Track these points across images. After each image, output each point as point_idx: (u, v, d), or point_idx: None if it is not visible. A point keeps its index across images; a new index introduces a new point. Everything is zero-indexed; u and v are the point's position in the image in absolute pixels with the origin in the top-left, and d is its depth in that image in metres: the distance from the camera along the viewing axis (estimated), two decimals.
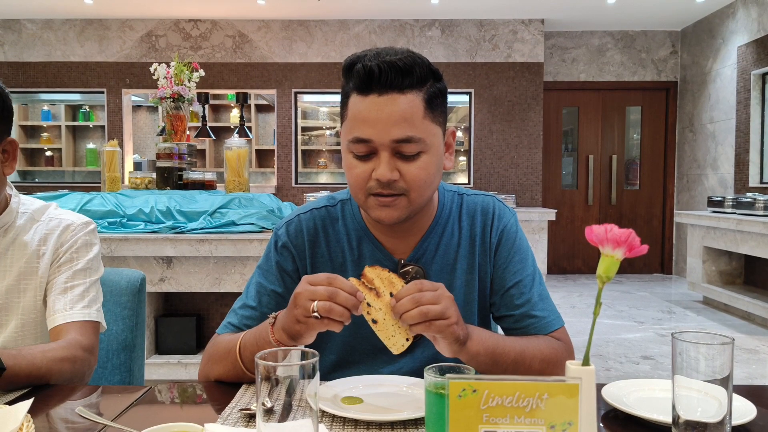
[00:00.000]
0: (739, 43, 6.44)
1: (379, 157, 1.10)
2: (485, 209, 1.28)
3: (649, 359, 4.22)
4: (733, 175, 6.54)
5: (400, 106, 1.07)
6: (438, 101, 1.13)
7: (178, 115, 4.03)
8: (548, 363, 1.17)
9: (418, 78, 1.09)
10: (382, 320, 1.04)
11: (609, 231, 0.71)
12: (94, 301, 1.37)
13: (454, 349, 1.05)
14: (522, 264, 1.26)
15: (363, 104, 1.09)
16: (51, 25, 7.29)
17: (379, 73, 1.06)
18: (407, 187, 1.11)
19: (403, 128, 1.07)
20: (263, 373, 0.72)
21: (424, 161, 1.11)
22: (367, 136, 1.09)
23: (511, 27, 7.24)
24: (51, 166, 8.88)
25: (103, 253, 3.21)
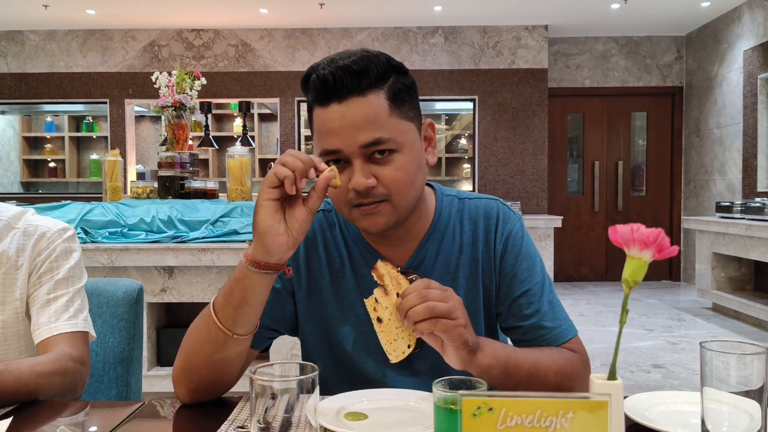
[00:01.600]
0: (745, 47, 6.38)
1: (353, 166, 1.04)
2: (488, 213, 1.21)
3: (660, 368, 4.14)
4: (741, 180, 6.46)
5: (363, 109, 1.03)
6: (404, 95, 1.07)
7: (179, 124, 3.99)
8: (564, 376, 1.10)
9: (376, 76, 1.04)
10: (387, 320, 0.98)
11: (636, 230, 0.65)
12: (80, 310, 1.31)
13: (463, 357, 0.98)
14: (530, 271, 1.18)
15: (325, 115, 1.04)
16: (54, 36, 7.29)
17: (333, 80, 1.02)
18: (387, 191, 1.06)
19: (369, 131, 1.03)
20: (258, 390, 0.66)
21: (400, 161, 1.06)
22: (335, 146, 1.04)
23: (514, 33, 7.20)
24: (54, 177, 8.86)
25: (103, 264, 3.16)
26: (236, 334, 1.03)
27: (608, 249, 7.87)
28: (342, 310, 1.20)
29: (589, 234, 7.87)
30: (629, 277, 0.69)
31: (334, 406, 1.01)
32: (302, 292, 1.21)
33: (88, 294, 1.61)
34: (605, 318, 5.68)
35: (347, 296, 1.19)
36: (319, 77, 1.04)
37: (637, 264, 0.68)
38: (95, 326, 1.60)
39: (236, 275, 1.01)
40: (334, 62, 1.04)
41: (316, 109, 1.07)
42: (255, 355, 1.19)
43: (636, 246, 0.66)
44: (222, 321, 1.02)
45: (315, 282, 1.21)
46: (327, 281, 1.20)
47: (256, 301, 1.02)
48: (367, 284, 1.17)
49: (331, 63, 1.04)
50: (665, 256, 0.65)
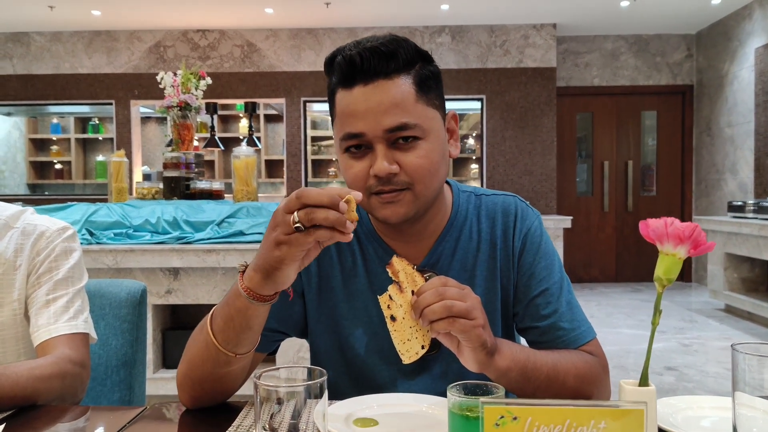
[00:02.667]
0: (757, 45, 6.30)
1: (375, 151, 1.00)
2: (506, 210, 1.17)
3: (673, 370, 4.07)
4: (753, 179, 6.38)
5: (389, 92, 0.99)
6: (431, 83, 1.04)
7: (185, 124, 3.96)
8: (584, 380, 1.05)
9: (404, 60, 1.00)
10: (401, 318, 0.93)
11: (670, 225, 0.59)
12: (80, 311, 1.27)
13: (480, 359, 0.93)
14: (548, 270, 1.13)
15: (350, 97, 1.01)
16: (59, 37, 7.27)
17: (361, 61, 0.98)
18: (410, 179, 1.01)
19: (395, 115, 0.99)
20: (263, 395, 0.61)
21: (424, 148, 1.01)
22: (358, 129, 1.00)
23: (522, 32, 7.14)
24: (61, 179, 8.86)
25: (108, 265, 3.12)
26: (238, 354, 0.98)
27: (618, 250, 7.79)
28: (354, 310, 1.15)
29: (598, 235, 7.79)
30: (662, 275, 0.63)
31: (342, 412, 0.96)
32: (312, 292, 1.16)
33: (90, 295, 1.58)
34: (616, 319, 5.61)
35: (359, 296, 1.14)
36: (345, 58, 1.00)
37: (671, 261, 0.63)
38: (97, 328, 1.56)
39: (236, 304, 0.94)
40: (361, 44, 1.00)
41: (339, 92, 1.03)
42: (261, 358, 1.14)
43: (670, 241, 0.61)
44: (222, 344, 0.97)
45: (326, 281, 1.16)
46: (338, 280, 1.15)
47: (259, 326, 0.97)
48: (380, 283, 1.12)
49: (358, 45, 1.00)
50: (702, 252, 0.60)
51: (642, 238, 3.17)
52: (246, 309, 0.93)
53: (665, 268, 0.64)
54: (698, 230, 0.61)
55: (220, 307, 0.98)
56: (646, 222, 0.64)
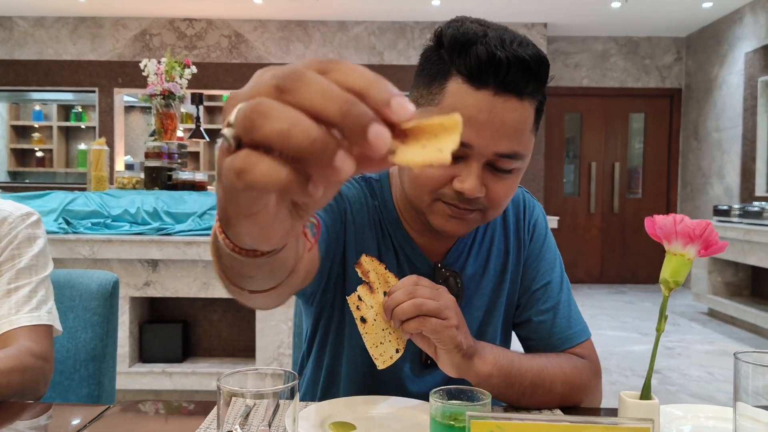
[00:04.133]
0: (747, 50, 6.31)
1: (469, 166, 0.89)
2: (515, 201, 1.13)
3: (656, 373, 4.05)
4: (739, 184, 6.39)
5: (515, 115, 0.87)
6: (543, 108, 0.95)
7: (168, 113, 3.87)
8: (572, 386, 1.00)
9: (540, 82, 0.89)
10: (372, 320, 0.87)
11: (679, 222, 0.54)
12: (44, 301, 1.20)
13: (457, 362, 0.88)
14: (551, 264, 1.11)
15: (472, 99, 0.86)
16: (43, 22, 7.13)
17: (507, 69, 0.84)
18: (488, 204, 0.93)
19: (511, 141, 0.88)
20: (227, 398, 0.56)
21: (515, 179, 0.94)
22: (469, 140, 0.87)
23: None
24: (42, 167, 8.72)
25: (84, 256, 3.04)
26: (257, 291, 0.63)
27: (604, 251, 7.79)
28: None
29: (584, 236, 7.79)
30: (669, 277, 0.58)
31: (318, 415, 0.90)
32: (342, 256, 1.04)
33: (59, 286, 1.51)
34: (601, 321, 5.59)
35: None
36: (489, 54, 0.85)
37: (679, 262, 0.57)
38: (66, 320, 1.49)
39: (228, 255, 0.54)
40: (507, 44, 0.85)
41: (457, 81, 0.88)
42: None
43: (679, 241, 0.56)
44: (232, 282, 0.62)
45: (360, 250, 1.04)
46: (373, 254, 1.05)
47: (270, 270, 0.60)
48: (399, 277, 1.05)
49: (503, 42, 0.85)
50: (713, 253, 0.54)
51: (627, 239, 3.15)
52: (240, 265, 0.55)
53: (672, 270, 0.58)
54: (710, 228, 0.56)
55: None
56: (652, 219, 0.58)
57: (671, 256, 0.58)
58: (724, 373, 4.03)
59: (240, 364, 3.21)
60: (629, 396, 0.57)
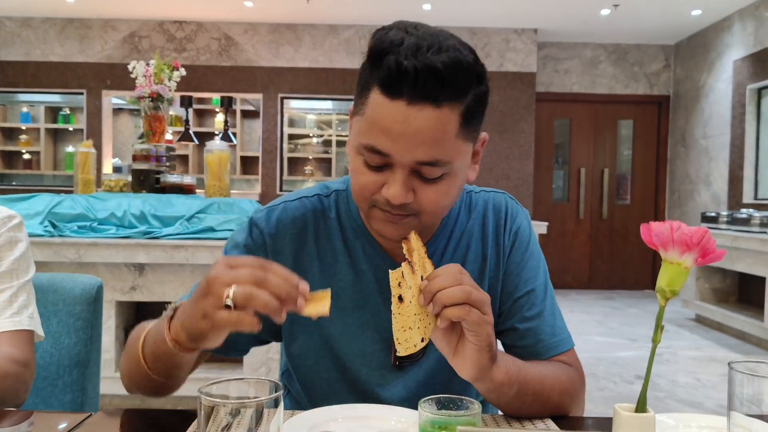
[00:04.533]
0: (735, 57, 6.36)
1: (395, 174, 0.90)
2: (497, 207, 1.11)
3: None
4: (727, 191, 6.43)
5: (432, 123, 0.86)
6: (477, 112, 0.92)
7: (156, 116, 3.84)
8: (566, 395, 0.99)
9: (459, 88, 0.87)
10: (408, 302, 0.84)
11: (676, 230, 0.53)
12: (25, 306, 1.17)
13: (483, 363, 0.85)
14: (535, 272, 1.08)
15: (386, 109, 0.87)
16: (30, 23, 7.07)
17: (415, 78, 0.83)
18: (420, 209, 0.92)
19: (430, 149, 0.87)
20: (207, 409, 0.54)
21: (447, 184, 0.92)
22: (386, 149, 0.88)
23: (503, 36, 7.12)
24: (29, 170, 8.63)
25: (70, 259, 3.00)
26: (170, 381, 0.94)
27: (592, 257, 7.82)
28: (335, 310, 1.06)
29: (573, 241, 7.81)
30: (666, 287, 0.57)
31: (305, 425, 0.88)
32: None
33: (42, 290, 1.48)
34: (589, 327, 5.60)
35: (341, 294, 1.05)
36: (398, 65, 0.84)
37: (675, 270, 0.56)
38: (50, 325, 1.46)
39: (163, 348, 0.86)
40: (421, 53, 0.84)
41: (375, 93, 0.88)
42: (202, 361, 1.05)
43: (675, 248, 0.54)
44: (154, 373, 0.92)
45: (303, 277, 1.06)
46: (317, 278, 1.06)
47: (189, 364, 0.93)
48: (365, 282, 1.05)
49: (417, 51, 0.84)
50: (710, 261, 0.53)
51: (615, 245, 3.14)
52: (174, 354, 0.86)
53: (669, 279, 0.57)
54: (707, 236, 0.54)
55: (150, 337, 0.91)
56: (648, 225, 0.57)
57: (668, 264, 0.57)
58: (712, 379, 4.04)
59: (227, 369, 3.17)
60: (624, 409, 0.55)
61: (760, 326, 4.84)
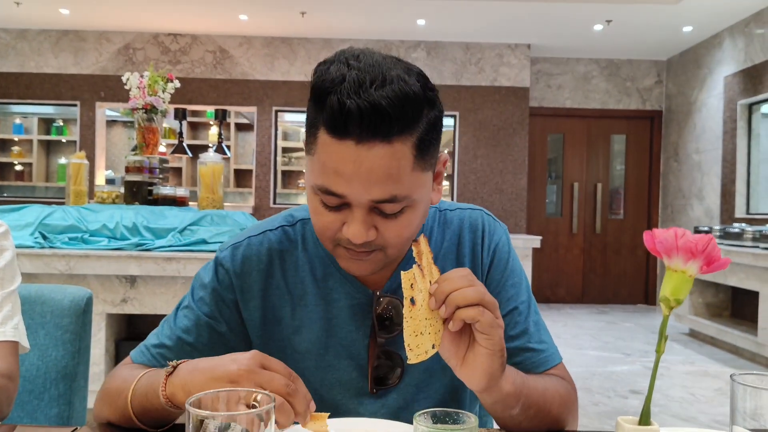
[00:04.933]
0: (726, 73, 6.40)
1: (353, 213, 0.87)
2: (473, 225, 1.07)
3: (639, 393, 4.03)
4: (720, 205, 6.45)
5: (385, 161, 0.83)
6: (432, 138, 0.88)
7: (150, 128, 3.83)
8: (565, 408, 0.97)
9: (409, 120, 0.83)
10: (419, 305, 0.81)
11: (680, 237, 0.51)
12: (9, 317, 1.14)
13: (494, 370, 0.82)
14: (516, 289, 1.05)
15: (335, 150, 0.83)
16: (25, 35, 7.07)
17: (359, 117, 0.80)
18: (385, 244, 0.90)
19: (386, 187, 0.84)
20: (196, 422, 0.52)
21: (409, 217, 0.89)
22: (340, 191, 0.85)
23: (497, 51, 7.16)
24: (21, 181, 8.59)
25: (60, 271, 2.97)
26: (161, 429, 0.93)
27: (585, 271, 7.81)
28: (305, 343, 1.04)
29: (566, 256, 7.80)
30: (670, 296, 0.55)
31: None
32: (256, 326, 1.04)
33: (30, 301, 1.46)
34: (582, 341, 5.58)
35: (311, 326, 1.03)
36: (341, 106, 0.80)
37: (679, 279, 0.55)
38: (37, 337, 1.44)
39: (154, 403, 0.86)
40: (363, 89, 0.80)
41: (323, 134, 0.85)
42: None
43: (680, 256, 0.53)
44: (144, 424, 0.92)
45: (272, 312, 1.04)
46: (287, 311, 1.04)
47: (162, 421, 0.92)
48: (336, 311, 1.03)
49: (359, 89, 0.80)
50: (715, 269, 0.52)
51: (608, 260, 3.12)
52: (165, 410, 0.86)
53: (673, 287, 0.56)
54: (713, 244, 0.53)
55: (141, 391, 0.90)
56: (651, 233, 0.55)
57: (671, 272, 0.55)
58: (706, 393, 4.03)
59: None
60: (627, 421, 0.54)
61: (753, 341, 4.84)
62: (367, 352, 1.03)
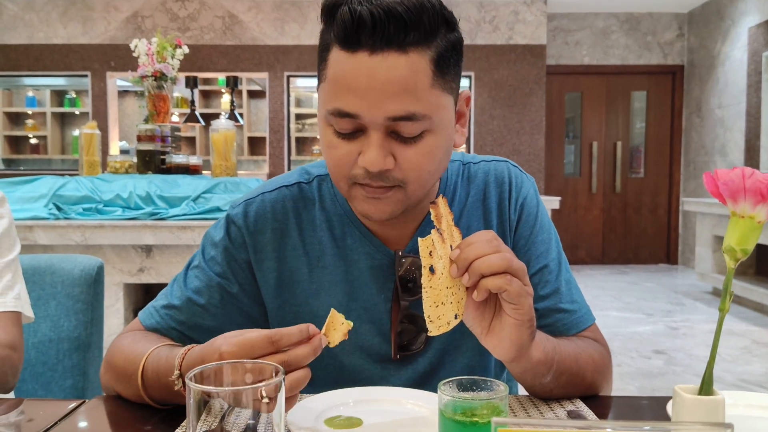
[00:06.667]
0: (750, 24, 6.18)
1: (369, 138, 0.81)
2: (500, 178, 1.00)
3: (662, 354, 3.98)
4: (743, 161, 6.29)
5: (400, 72, 0.77)
6: (452, 59, 0.82)
7: (160, 95, 3.77)
8: (599, 373, 0.92)
9: (426, 30, 0.78)
10: (440, 273, 0.74)
11: (748, 177, 0.44)
12: (9, 287, 1.10)
13: (523, 340, 0.76)
14: (546, 245, 0.99)
15: (348, 65, 0.79)
16: (33, 5, 6.98)
17: (372, 23, 0.75)
18: (404, 177, 0.83)
19: (403, 102, 0.78)
20: (197, 398, 0.47)
21: (429, 144, 0.82)
22: (354, 110, 0.79)
23: (512, 8, 6.96)
24: (36, 154, 8.61)
25: (76, 242, 2.95)
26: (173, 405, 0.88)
27: (605, 231, 7.71)
28: (327, 306, 0.97)
29: (586, 216, 7.70)
30: (736, 245, 0.48)
31: (313, 408, 0.82)
32: (270, 290, 0.99)
33: (41, 272, 1.43)
34: (603, 302, 5.52)
35: (331, 288, 0.97)
36: (351, 12, 0.76)
37: (747, 226, 0.48)
38: (48, 308, 1.41)
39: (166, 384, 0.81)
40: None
41: (335, 51, 0.80)
42: None
43: (748, 200, 0.46)
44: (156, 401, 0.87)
45: (289, 275, 0.98)
46: (304, 273, 0.98)
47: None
48: (357, 272, 0.97)
49: None
50: None
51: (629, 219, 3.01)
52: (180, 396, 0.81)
53: (740, 236, 0.49)
54: None
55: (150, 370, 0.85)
56: (713, 174, 0.48)
57: (737, 219, 0.48)
58: (731, 353, 3.96)
59: None
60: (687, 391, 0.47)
61: None
62: (390, 317, 0.97)
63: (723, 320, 0.49)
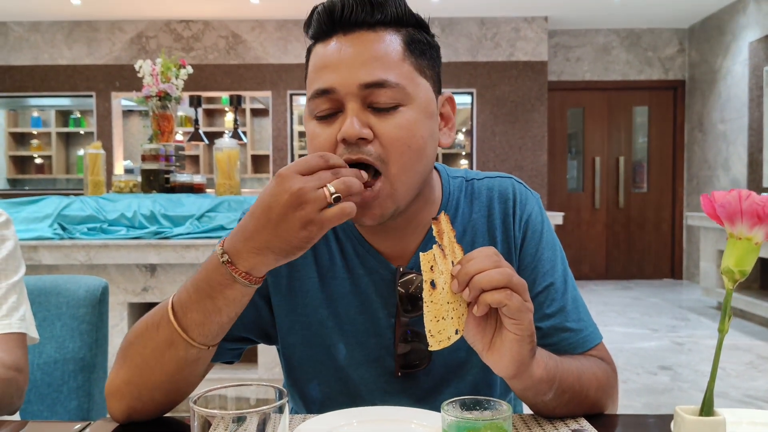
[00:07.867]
0: (751, 39, 6.21)
1: (345, 112, 0.84)
2: (504, 195, 1.01)
3: (668, 369, 3.96)
4: (746, 175, 6.29)
5: (370, 44, 0.85)
6: (425, 50, 0.89)
7: (164, 115, 3.81)
8: (603, 391, 0.91)
9: (393, 16, 0.87)
10: (441, 288, 0.75)
11: (745, 199, 0.45)
12: (15, 308, 1.10)
13: (524, 356, 0.76)
14: (552, 263, 0.99)
15: (323, 50, 0.87)
16: (38, 27, 7.06)
17: (342, 9, 0.85)
18: (384, 152, 0.84)
19: (373, 69, 0.83)
20: (202, 422, 0.47)
21: (405, 116, 0.85)
22: (328, 84, 0.84)
23: (513, 25, 7.01)
24: (42, 174, 8.66)
25: (80, 262, 2.96)
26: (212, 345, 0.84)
27: (609, 247, 7.70)
28: (336, 317, 0.98)
29: (589, 231, 7.69)
30: (734, 266, 0.49)
31: (318, 430, 0.82)
32: (281, 294, 0.99)
33: (46, 293, 1.44)
34: (607, 318, 5.50)
35: (341, 300, 0.98)
36: (325, 5, 0.87)
37: (744, 247, 0.48)
38: (53, 329, 1.42)
39: (220, 281, 0.78)
40: None
41: (314, 48, 0.90)
42: (212, 367, 0.96)
43: (745, 221, 0.47)
44: (196, 337, 0.82)
45: (300, 282, 0.99)
46: (315, 282, 0.98)
47: (234, 313, 0.82)
48: (362, 287, 0.97)
49: None
50: None
51: (632, 234, 3.01)
52: (230, 290, 0.79)
53: (738, 258, 0.49)
54: None
55: (186, 297, 0.81)
56: (710, 196, 0.49)
57: (735, 241, 0.49)
58: (737, 368, 3.94)
59: (242, 369, 3.12)
60: (687, 412, 0.48)
61: None
62: (393, 332, 0.98)
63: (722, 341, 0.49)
